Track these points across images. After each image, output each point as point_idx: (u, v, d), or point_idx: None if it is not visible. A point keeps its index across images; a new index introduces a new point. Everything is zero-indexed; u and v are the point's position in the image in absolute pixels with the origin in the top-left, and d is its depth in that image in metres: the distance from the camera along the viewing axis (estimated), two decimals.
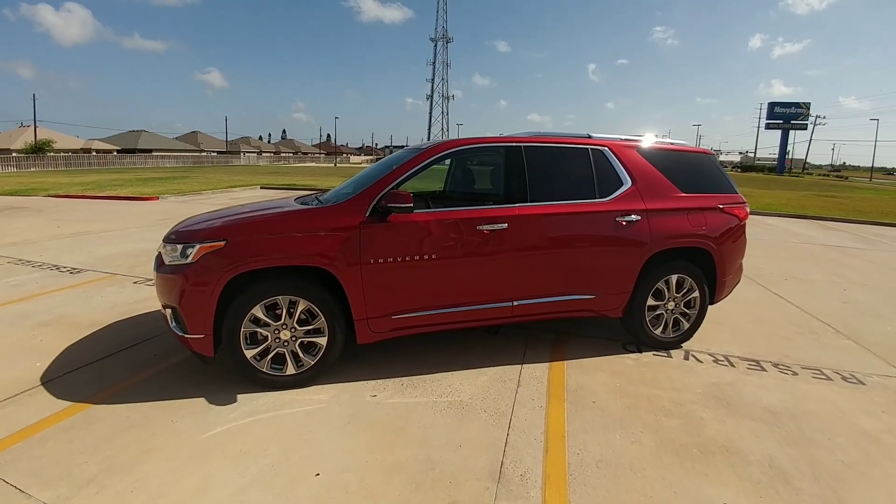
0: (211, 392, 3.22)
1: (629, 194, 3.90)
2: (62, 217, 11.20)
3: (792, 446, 2.79)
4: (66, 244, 8.01)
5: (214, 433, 2.78)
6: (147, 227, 9.86)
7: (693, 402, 3.26)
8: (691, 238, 4.01)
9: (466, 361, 3.77)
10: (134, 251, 7.52)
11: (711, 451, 2.72)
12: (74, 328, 4.30)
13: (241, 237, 3.15)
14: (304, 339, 3.29)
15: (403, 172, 3.51)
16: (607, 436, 2.85)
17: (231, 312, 3.11)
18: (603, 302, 3.88)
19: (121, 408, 3.02)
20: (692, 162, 4.33)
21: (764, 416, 3.12)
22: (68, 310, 4.78)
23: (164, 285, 3.24)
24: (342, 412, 3.03)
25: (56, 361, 3.64)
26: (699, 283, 4.09)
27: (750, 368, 3.83)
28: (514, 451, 2.68)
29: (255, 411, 3.01)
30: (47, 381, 3.32)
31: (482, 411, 3.08)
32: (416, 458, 2.60)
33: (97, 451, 2.60)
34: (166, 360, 3.69)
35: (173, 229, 3.49)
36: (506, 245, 3.54)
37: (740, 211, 4.33)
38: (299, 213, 3.40)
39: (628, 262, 3.85)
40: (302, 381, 3.31)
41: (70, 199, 15.16)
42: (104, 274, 6.16)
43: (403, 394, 3.28)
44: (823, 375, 3.76)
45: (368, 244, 3.26)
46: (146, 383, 3.34)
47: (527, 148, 3.79)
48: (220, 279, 3.05)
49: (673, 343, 4.15)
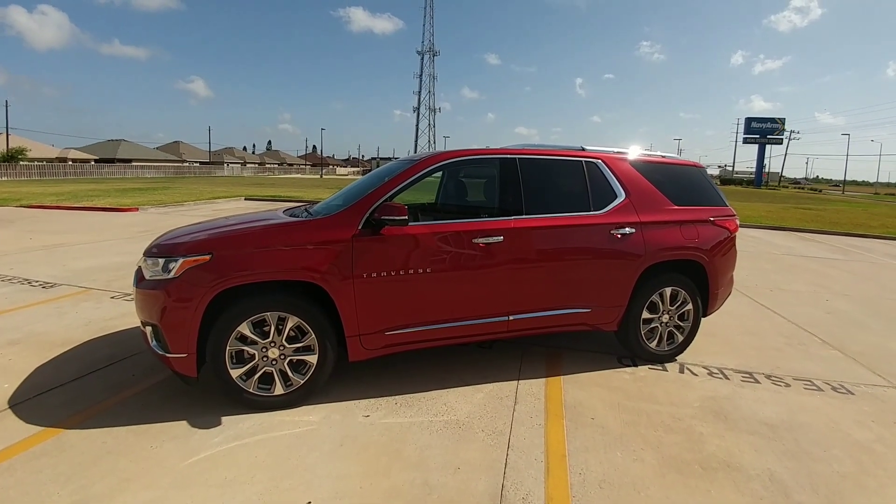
0: (193, 415, 3.06)
1: (623, 207, 3.88)
2: (35, 228, 10.82)
3: (790, 459, 2.81)
4: (38, 257, 7.70)
5: (197, 459, 2.62)
6: (126, 240, 9.57)
7: (692, 417, 3.23)
8: (685, 251, 4.01)
9: (461, 378, 3.68)
10: (112, 265, 7.26)
11: (713, 468, 2.70)
12: (46, 346, 4.08)
13: (227, 251, 3.03)
14: (293, 358, 3.16)
15: (397, 184, 3.43)
16: (609, 454, 2.78)
17: (216, 330, 2.97)
18: (598, 315, 3.84)
19: (96, 432, 2.84)
20: (683, 175, 4.36)
21: (761, 429, 3.12)
22: (40, 327, 4.55)
23: (144, 301, 3.09)
24: (334, 434, 2.90)
25: (26, 382, 3.43)
26: (692, 295, 4.08)
27: (744, 381, 3.83)
28: (514, 472, 2.59)
29: (241, 434, 2.86)
30: (15, 405, 3.13)
31: (480, 430, 2.98)
32: (414, 482, 2.49)
33: (70, 480, 2.42)
34: (145, 381, 3.51)
35: (154, 242, 3.34)
36: (501, 258, 3.48)
37: (731, 223, 4.36)
38: (289, 226, 3.29)
39: (623, 275, 3.82)
40: (291, 401, 3.17)
41: (44, 210, 14.69)
42: (79, 288, 5.92)
43: (397, 413, 3.17)
44: (814, 386, 3.81)
45: (361, 258, 3.17)
46: (124, 406, 3.16)
47: (522, 160, 3.75)
48: (204, 295, 2.92)
49: (668, 356, 4.12)
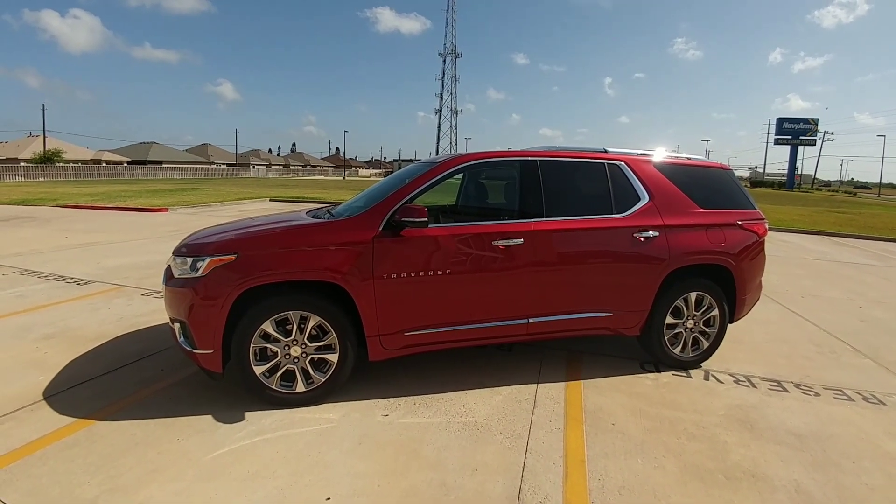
0: (218, 409, 3.13)
1: (647, 210, 3.82)
2: (70, 227, 11.23)
3: (818, 471, 2.72)
4: (73, 255, 7.99)
5: (221, 453, 2.68)
6: (156, 239, 9.85)
7: (716, 425, 3.15)
8: (710, 255, 3.92)
9: (479, 380, 3.67)
10: (143, 263, 7.48)
11: (737, 477, 2.63)
12: (79, 341, 4.23)
13: (252, 251, 3.09)
14: (314, 356, 3.20)
15: (417, 186, 3.45)
16: (629, 461, 2.73)
17: (241, 328, 3.04)
18: (620, 320, 3.78)
19: (125, 425, 2.93)
20: (709, 177, 4.27)
21: (788, 439, 3.04)
22: (74, 322, 4.72)
23: (173, 299, 3.18)
24: (353, 432, 2.93)
25: (59, 376, 3.56)
26: (719, 300, 3.99)
27: (772, 389, 3.73)
28: (532, 476, 2.57)
29: (263, 430, 2.92)
30: (50, 396, 3.25)
31: (498, 433, 2.97)
32: (431, 482, 2.50)
33: (100, 470, 2.51)
34: (174, 376, 3.61)
35: (183, 242, 3.44)
36: (521, 261, 3.46)
37: (759, 227, 4.25)
38: (311, 227, 3.34)
39: (646, 279, 3.76)
40: (312, 399, 3.21)
41: (79, 210, 15.25)
42: (112, 285, 6.12)
43: (416, 413, 3.18)
44: (845, 396, 3.69)
45: (381, 259, 3.19)
46: (152, 399, 3.26)
47: (542, 162, 3.73)
48: (230, 293, 2.98)
49: (692, 363, 4.03)
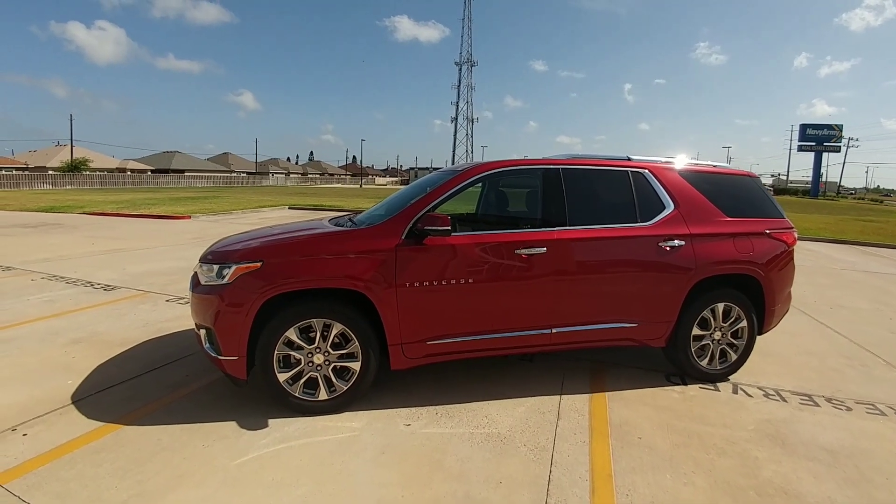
0: (242, 416, 3.15)
1: (672, 218, 3.76)
2: (97, 234, 11.50)
3: (851, 487, 2.64)
4: (100, 261, 8.18)
5: (246, 460, 2.70)
6: (180, 246, 10.03)
7: (746, 441, 3.07)
8: (738, 264, 3.83)
9: (502, 390, 3.63)
10: (167, 269, 7.62)
11: (769, 494, 2.56)
12: (107, 346, 4.31)
13: (277, 258, 3.12)
14: (337, 364, 3.21)
15: (440, 195, 3.45)
16: (657, 476, 2.67)
17: (265, 335, 3.06)
18: (646, 331, 3.72)
19: (152, 430, 2.97)
20: (736, 185, 4.19)
21: (821, 455, 2.94)
22: (101, 327, 4.81)
23: (199, 305, 3.22)
24: (376, 441, 2.92)
25: (87, 380, 3.63)
26: (747, 312, 3.89)
27: (802, 403, 3.62)
28: (557, 490, 2.52)
29: (286, 437, 2.93)
30: (78, 400, 3.31)
31: (522, 445, 2.93)
32: (455, 494, 2.47)
33: (127, 474, 2.54)
34: (199, 381, 3.65)
35: (210, 249, 3.49)
36: (544, 270, 3.43)
37: (788, 236, 4.15)
38: (335, 235, 3.36)
39: (672, 290, 3.69)
40: (334, 406, 3.22)
41: (105, 217, 15.63)
42: (137, 291, 6.23)
43: (438, 423, 3.16)
44: (877, 410, 3.57)
45: (404, 267, 3.19)
46: (177, 404, 3.30)
47: (565, 170, 3.70)
48: (255, 300, 3.01)
49: (720, 375, 3.94)
